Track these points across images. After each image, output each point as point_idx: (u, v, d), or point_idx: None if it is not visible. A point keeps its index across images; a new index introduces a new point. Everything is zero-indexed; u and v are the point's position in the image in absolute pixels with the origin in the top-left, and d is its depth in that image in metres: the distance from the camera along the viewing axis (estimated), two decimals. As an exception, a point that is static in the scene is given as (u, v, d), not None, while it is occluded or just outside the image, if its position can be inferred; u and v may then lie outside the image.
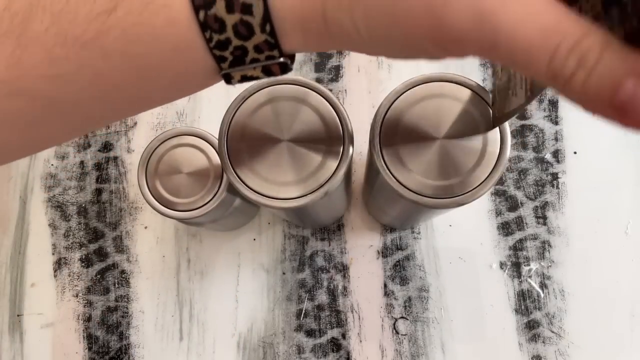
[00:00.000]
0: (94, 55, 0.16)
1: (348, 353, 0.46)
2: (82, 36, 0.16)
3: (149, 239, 0.48)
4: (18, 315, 0.47)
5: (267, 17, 0.16)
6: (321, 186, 0.29)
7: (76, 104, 0.18)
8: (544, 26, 0.14)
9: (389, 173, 0.29)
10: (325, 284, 0.47)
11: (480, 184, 0.28)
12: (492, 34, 0.14)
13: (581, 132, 0.48)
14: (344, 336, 0.46)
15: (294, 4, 0.16)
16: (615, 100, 0.13)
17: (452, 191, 0.29)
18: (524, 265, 0.46)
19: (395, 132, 0.29)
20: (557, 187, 0.47)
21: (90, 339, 0.47)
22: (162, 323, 0.47)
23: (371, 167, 0.33)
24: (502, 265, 0.46)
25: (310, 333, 0.46)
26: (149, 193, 0.36)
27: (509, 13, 0.14)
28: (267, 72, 0.19)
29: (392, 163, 0.29)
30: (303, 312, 0.46)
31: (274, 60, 0.18)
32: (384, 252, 0.47)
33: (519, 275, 0.46)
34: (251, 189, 0.29)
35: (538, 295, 0.46)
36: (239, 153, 0.29)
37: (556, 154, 0.48)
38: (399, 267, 0.47)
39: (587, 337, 0.45)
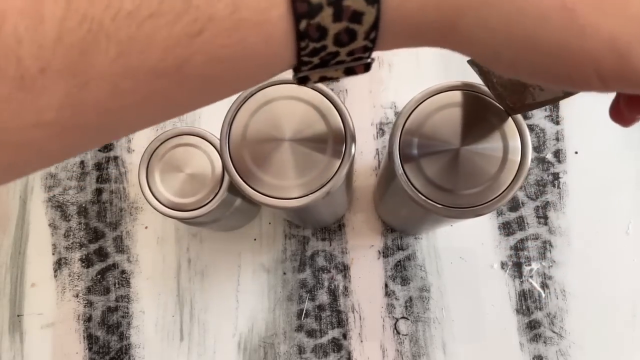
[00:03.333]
0: (169, 84, 0.14)
1: (349, 353, 0.45)
2: (157, 66, 0.13)
3: (150, 239, 0.48)
4: (18, 316, 0.47)
5: (376, 25, 0.15)
6: (323, 186, 0.29)
7: (131, 124, 0.16)
8: None
9: (408, 183, 0.29)
10: (326, 284, 0.47)
11: (501, 193, 0.28)
12: None
13: (582, 132, 0.48)
14: (345, 336, 0.46)
15: (415, 10, 0.15)
16: None
17: (470, 201, 0.28)
18: (525, 265, 0.46)
19: (414, 141, 0.29)
20: (558, 187, 0.47)
21: (90, 339, 0.47)
22: (163, 323, 0.47)
23: (387, 172, 0.32)
24: (503, 265, 0.46)
25: (311, 333, 0.46)
26: (149, 193, 0.36)
27: None
28: (350, 72, 0.17)
29: (412, 172, 0.29)
30: (304, 312, 0.46)
31: (361, 62, 0.17)
32: (385, 252, 0.47)
33: (520, 275, 0.46)
34: (253, 188, 0.29)
35: (539, 295, 0.46)
36: (241, 153, 0.29)
37: (557, 153, 0.48)
38: (400, 267, 0.47)
39: (589, 337, 0.45)
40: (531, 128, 0.48)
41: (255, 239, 0.48)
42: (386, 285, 0.46)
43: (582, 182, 0.47)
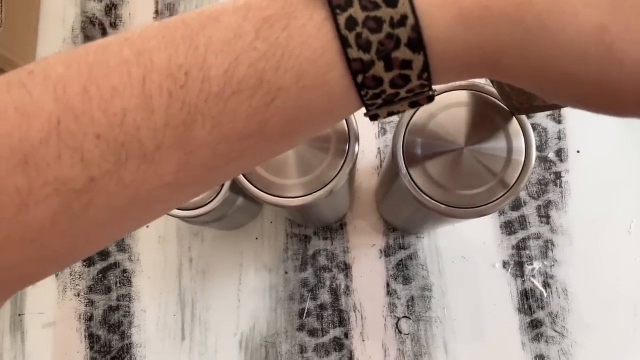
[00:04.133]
0: (256, 141, 0.17)
1: (350, 352, 0.45)
2: (243, 130, 0.17)
3: (151, 238, 0.48)
4: (19, 315, 0.47)
5: (426, 67, 0.16)
6: (326, 185, 0.29)
7: (234, 172, 0.19)
8: None
9: (412, 182, 0.29)
10: (327, 283, 0.47)
11: (504, 194, 0.28)
12: None
13: (584, 130, 0.48)
14: (346, 335, 0.46)
15: (459, 52, 0.16)
16: None
17: (474, 201, 0.28)
18: (527, 264, 0.46)
19: (418, 140, 0.29)
20: (560, 186, 0.47)
21: (91, 338, 0.47)
22: (164, 322, 0.47)
23: (390, 171, 0.32)
24: (505, 264, 0.46)
25: (312, 332, 0.46)
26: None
27: None
28: (415, 104, 0.19)
29: (416, 172, 0.29)
30: (305, 311, 0.46)
31: (423, 95, 0.18)
32: (387, 251, 0.47)
33: (522, 275, 0.46)
34: (256, 187, 0.29)
35: (541, 295, 0.46)
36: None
37: (559, 152, 0.48)
38: (402, 266, 0.47)
39: (590, 336, 0.45)
40: (533, 127, 0.48)
41: (256, 238, 0.48)
42: (388, 284, 0.46)
43: (584, 181, 0.47)
